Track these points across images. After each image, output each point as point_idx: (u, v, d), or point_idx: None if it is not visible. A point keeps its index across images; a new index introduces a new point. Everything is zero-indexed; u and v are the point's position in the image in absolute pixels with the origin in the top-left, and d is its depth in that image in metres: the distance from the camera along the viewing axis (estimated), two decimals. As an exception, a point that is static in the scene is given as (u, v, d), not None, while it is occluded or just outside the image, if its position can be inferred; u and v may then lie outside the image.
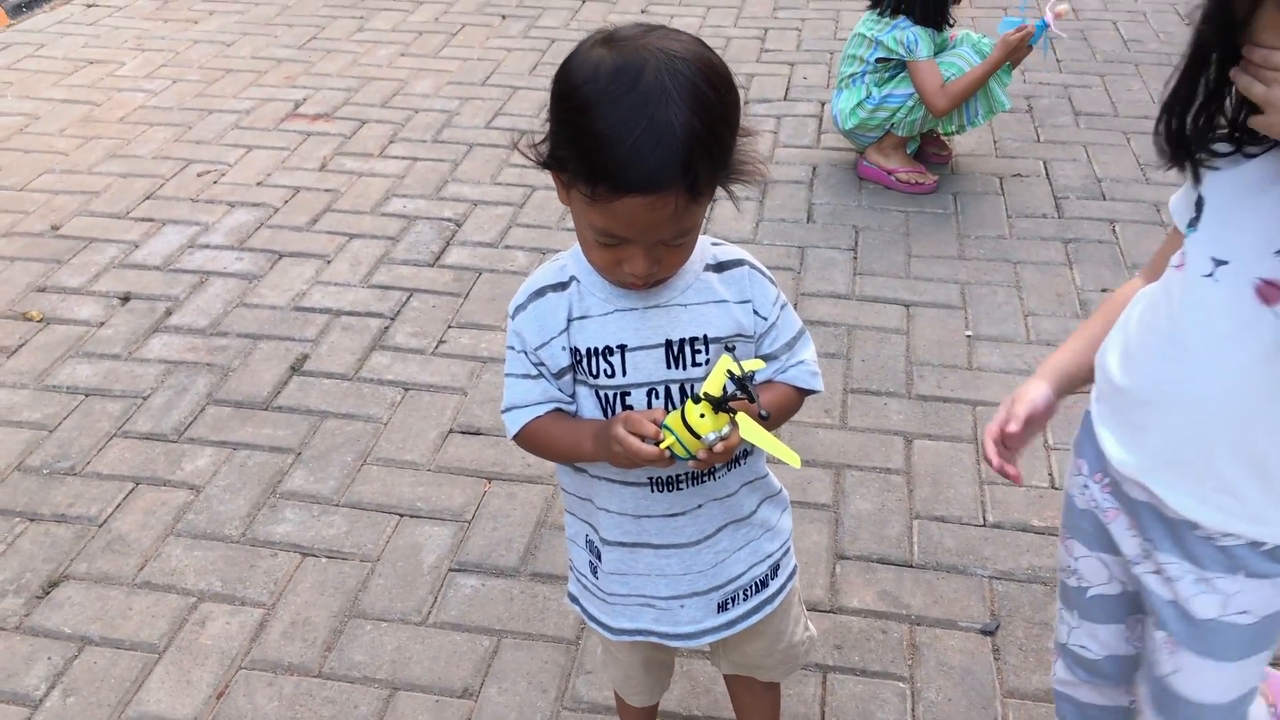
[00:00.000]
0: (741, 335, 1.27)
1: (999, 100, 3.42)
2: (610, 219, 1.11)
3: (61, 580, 2.12)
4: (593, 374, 1.25)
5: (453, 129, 3.92)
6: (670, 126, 1.06)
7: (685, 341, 1.25)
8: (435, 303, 2.96)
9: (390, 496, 2.32)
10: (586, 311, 1.25)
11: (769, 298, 1.30)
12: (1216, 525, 1.20)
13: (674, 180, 1.08)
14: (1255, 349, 1.12)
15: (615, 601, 1.41)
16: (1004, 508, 2.27)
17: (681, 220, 1.13)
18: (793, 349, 1.32)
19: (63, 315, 2.89)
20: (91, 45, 4.67)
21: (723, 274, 1.28)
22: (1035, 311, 2.90)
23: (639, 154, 1.06)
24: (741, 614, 1.42)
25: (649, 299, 1.24)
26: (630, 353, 1.24)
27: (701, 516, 1.33)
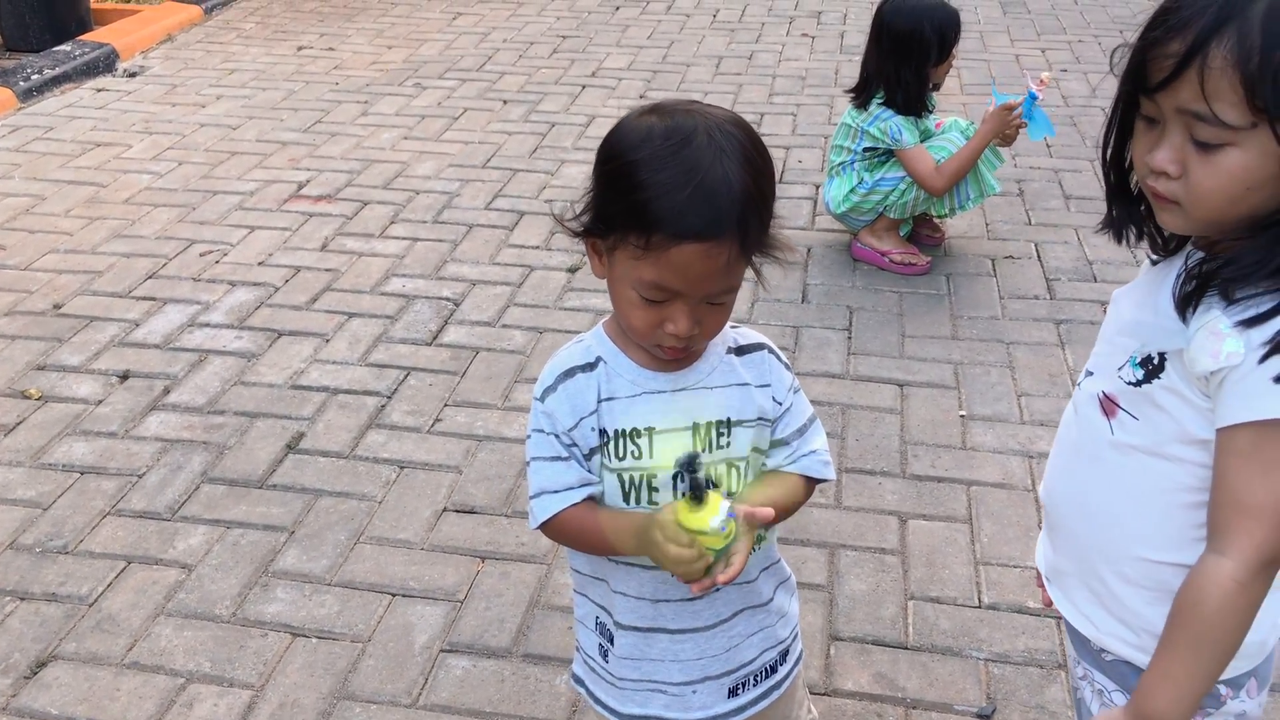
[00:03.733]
0: (763, 419, 1.29)
1: (989, 184, 3.49)
2: (663, 270, 1.13)
3: (50, 660, 2.10)
4: (619, 456, 1.25)
5: (453, 210, 3.98)
6: (727, 179, 1.11)
7: (712, 424, 1.26)
8: (432, 381, 2.97)
9: (383, 575, 2.31)
10: (614, 393, 1.26)
11: (785, 383, 1.32)
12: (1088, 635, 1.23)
13: (730, 230, 1.12)
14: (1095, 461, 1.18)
15: (626, 686, 1.39)
16: (999, 589, 2.26)
17: (730, 275, 1.16)
18: (804, 435, 1.33)
19: (61, 393, 2.91)
20: (100, 128, 4.76)
21: (743, 357, 1.30)
22: (1029, 391, 2.92)
23: (698, 202, 1.10)
24: (751, 699, 1.41)
25: (676, 382, 1.26)
26: (658, 435, 1.25)
27: (719, 600, 1.33)
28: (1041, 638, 2.14)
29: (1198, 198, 1.02)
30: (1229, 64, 0.95)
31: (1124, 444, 1.14)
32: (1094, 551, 1.19)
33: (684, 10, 6.54)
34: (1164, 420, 1.10)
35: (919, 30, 3.26)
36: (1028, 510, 2.48)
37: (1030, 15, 6.37)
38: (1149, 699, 1.09)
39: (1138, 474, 1.14)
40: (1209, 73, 0.96)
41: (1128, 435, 1.14)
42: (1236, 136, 0.97)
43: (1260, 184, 0.99)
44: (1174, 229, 1.08)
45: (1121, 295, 1.22)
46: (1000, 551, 2.36)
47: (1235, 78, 0.95)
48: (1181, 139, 1.01)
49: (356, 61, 5.63)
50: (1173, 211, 1.05)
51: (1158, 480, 1.12)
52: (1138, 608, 1.16)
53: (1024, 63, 5.53)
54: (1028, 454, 2.67)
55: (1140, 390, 1.11)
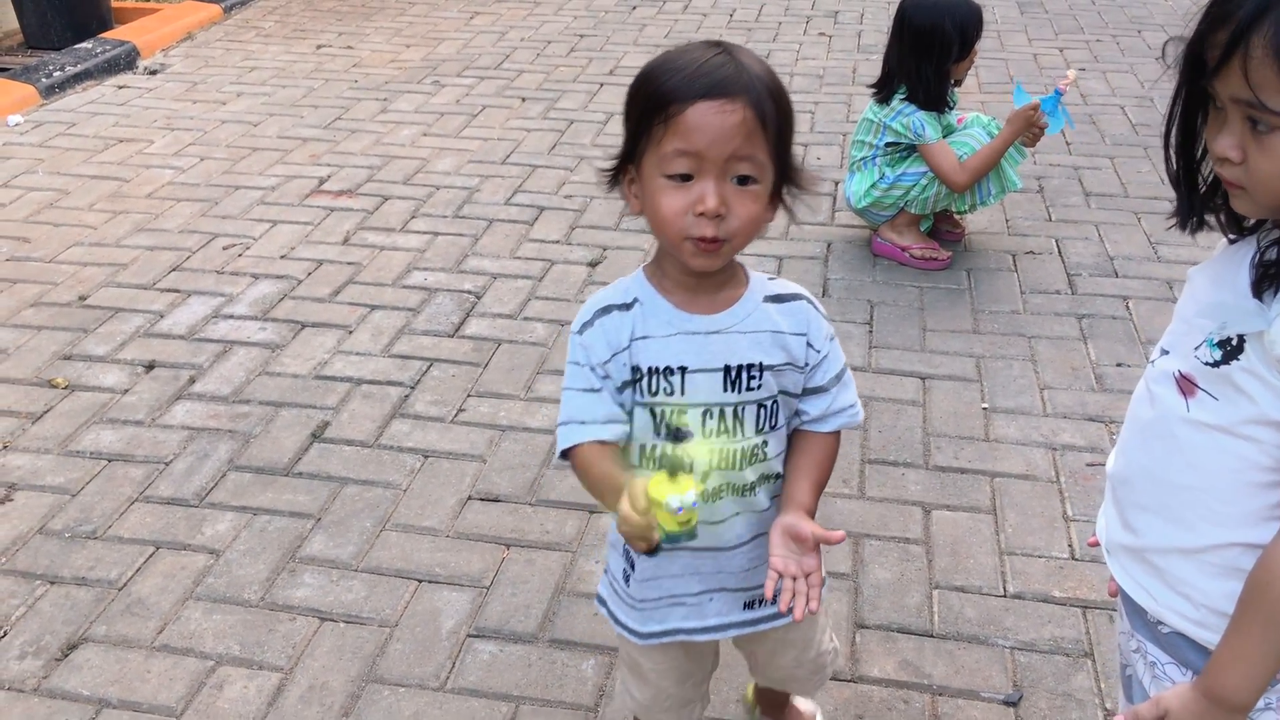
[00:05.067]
0: (793, 365, 1.36)
1: (1011, 180, 3.49)
2: (683, 135, 1.20)
3: (81, 642, 2.11)
4: (651, 392, 1.32)
5: (473, 205, 4.00)
6: (739, 63, 1.22)
7: (743, 367, 1.32)
8: (455, 372, 2.99)
9: (409, 562, 2.32)
10: (649, 332, 1.32)
11: (823, 332, 1.38)
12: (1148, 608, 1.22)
13: (742, 93, 1.20)
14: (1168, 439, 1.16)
15: (645, 607, 1.47)
16: (1024, 579, 2.26)
17: (750, 143, 1.21)
18: (840, 382, 1.40)
19: (88, 382, 2.93)
20: (122, 124, 4.79)
21: (781, 305, 1.36)
22: (1051, 385, 2.92)
23: (708, 69, 1.20)
24: (766, 615, 1.49)
25: (711, 325, 1.32)
26: (690, 374, 1.31)
27: (738, 523, 1.41)
28: (1067, 626, 2.14)
29: (1258, 182, 1.03)
30: (1268, 53, 0.96)
31: (1200, 422, 1.13)
32: (1161, 527, 1.19)
33: (700, 9, 6.55)
34: (1242, 401, 1.10)
35: (940, 26, 3.27)
36: (1051, 501, 2.48)
37: (1048, 15, 6.37)
38: (1220, 678, 1.10)
39: (1212, 452, 1.13)
40: (1251, 62, 0.97)
41: (1205, 414, 1.13)
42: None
43: None
44: (1245, 213, 1.09)
45: (1197, 273, 1.20)
46: (1025, 542, 2.36)
47: (1275, 66, 0.96)
48: (1240, 125, 1.02)
49: (375, 59, 5.66)
50: (1240, 197, 1.07)
51: (1232, 459, 1.12)
52: (1202, 584, 1.16)
53: (1041, 62, 5.53)
54: (1051, 446, 2.67)
55: (1218, 371, 1.11)
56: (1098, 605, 2.19)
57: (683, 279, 1.32)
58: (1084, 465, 2.60)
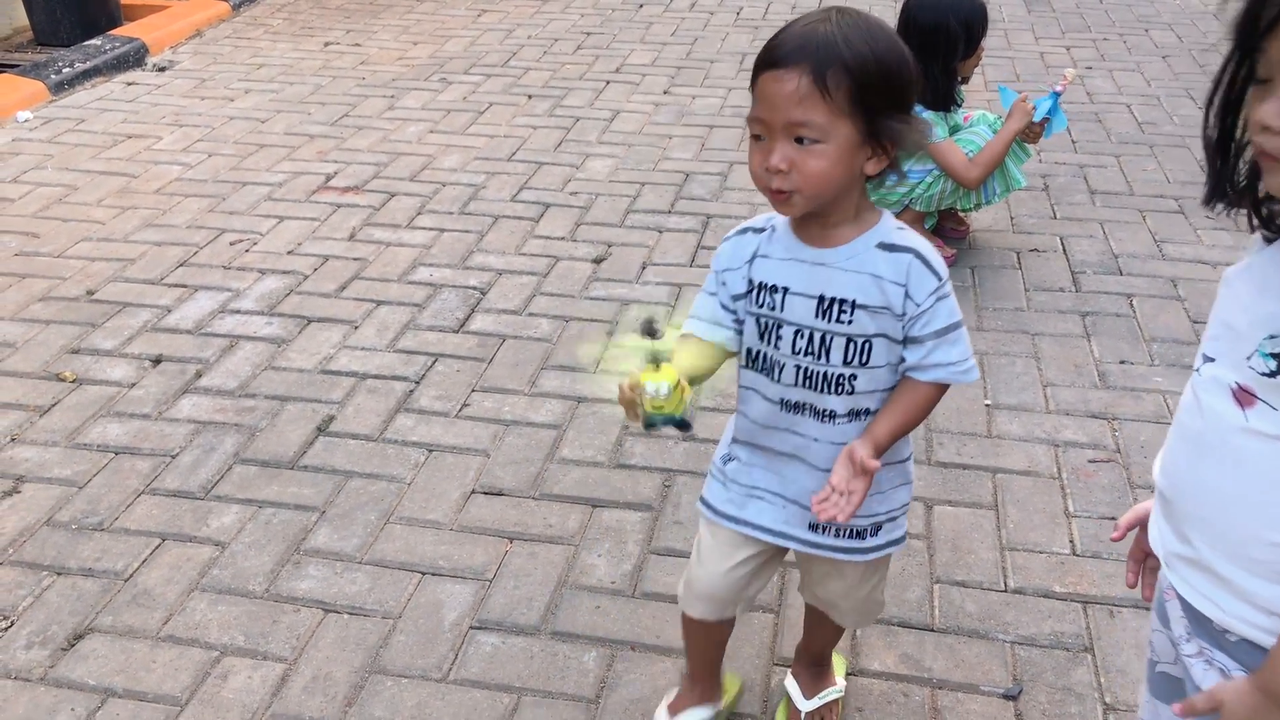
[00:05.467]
0: (889, 310, 1.45)
1: (1016, 178, 3.49)
2: (756, 104, 1.38)
3: (87, 633, 2.13)
4: (758, 304, 1.51)
5: (479, 202, 4.02)
6: (817, 32, 1.34)
7: (836, 300, 1.45)
8: (459, 367, 3.00)
9: (412, 555, 2.33)
10: (770, 253, 1.50)
11: (927, 288, 1.44)
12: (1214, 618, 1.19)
13: (800, 61, 1.32)
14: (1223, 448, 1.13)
15: (733, 490, 1.64)
16: (1025, 574, 2.27)
17: (807, 108, 1.33)
18: (942, 338, 1.46)
19: (95, 376, 2.95)
20: (130, 120, 4.82)
21: (889, 254, 1.45)
22: (1054, 382, 2.92)
23: (784, 42, 1.36)
24: (826, 544, 1.61)
25: (818, 257, 1.47)
26: (790, 295, 1.48)
27: (821, 449, 1.54)
28: (1068, 621, 2.15)
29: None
30: None
31: (1259, 432, 1.10)
32: (1223, 537, 1.16)
33: (707, 8, 6.56)
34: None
35: (946, 24, 3.27)
36: (1053, 497, 2.49)
37: (1055, 13, 6.36)
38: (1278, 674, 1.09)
39: (1273, 461, 1.09)
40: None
41: (1265, 424, 1.09)
42: None
43: None
44: (1275, 191, 1.04)
45: (1235, 277, 1.15)
46: (1026, 537, 2.37)
47: None
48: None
49: (382, 57, 5.68)
50: (1273, 171, 1.01)
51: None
52: (1268, 591, 1.13)
53: (1048, 60, 5.53)
54: (1053, 442, 2.67)
55: (1275, 381, 1.07)
56: (1098, 600, 2.20)
57: (806, 216, 1.47)
58: (1086, 462, 2.61)
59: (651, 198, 4.04)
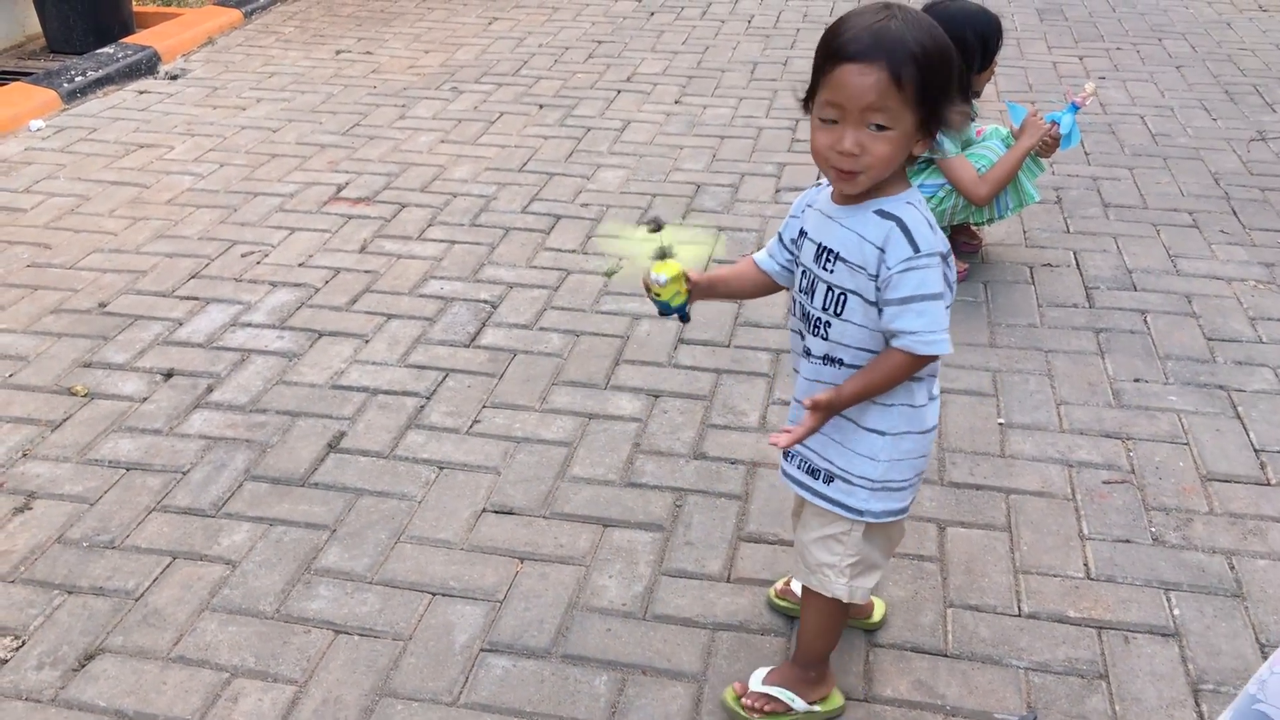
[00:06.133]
0: (865, 270, 1.60)
1: (1028, 193, 3.48)
2: (830, 89, 1.52)
3: (98, 653, 2.13)
4: (796, 246, 1.76)
5: (490, 213, 4.01)
6: (888, 28, 1.50)
7: (826, 249, 1.66)
8: (470, 383, 3.00)
9: (423, 575, 2.33)
10: (817, 206, 1.71)
11: (900, 255, 1.57)
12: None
13: (879, 57, 1.48)
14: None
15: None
16: (1039, 598, 2.26)
17: (883, 97, 1.48)
18: (905, 306, 1.58)
19: (107, 390, 2.95)
20: (142, 130, 4.83)
21: (879, 219, 1.60)
22: (1067, 400, 2.90)
23: (858, 37, 1.50)
24: (790, 473, 1.84)
25: (833, 211, 1.66)
26: (807, 240, 1.71)
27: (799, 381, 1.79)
28: (1082, 647, 2.13)
29: None
30: None
31: None
32: None
33: (718, 16, 6.55)
34: None
35: (962, 37, 3.23)
36: (1067, 519, 2.47)
37: (1068, 22, 6.34)
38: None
39: None
40: None
41: None
42: None
43: None
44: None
45: None
46: (1040, 560, 2.35)
47: None
48: None
49: (394, 65, 5.68)
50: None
51: None
52: None
53: (1061, 70, 5.51)
54: (1067, 462, 2.66)
55: None
56: (1112, 626, 2.18)
57: None
58: (1100, 483, 2.59)
59: (663, 210, 4.03)
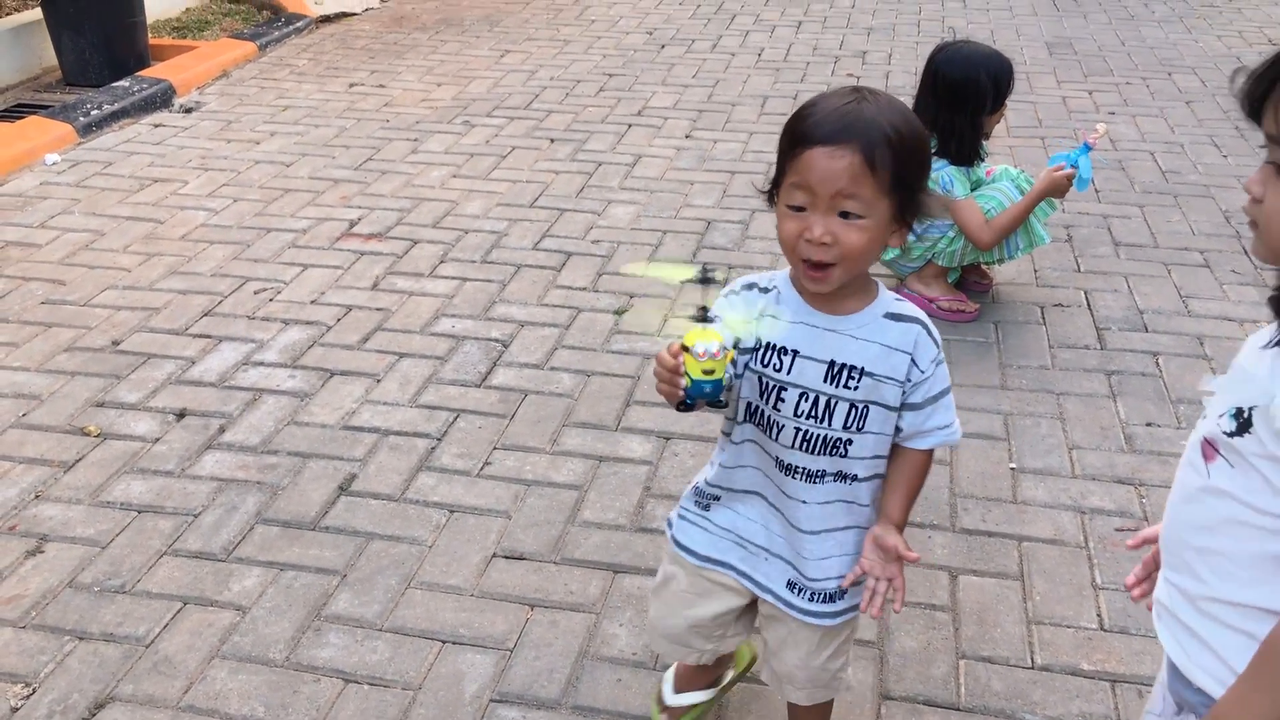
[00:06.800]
0: (894, 379, 1.52)
1: (1039, 235, 3.48)
2: (799, 172, 1.42)
3: (108, 701, 2.13)
4: (763, 363, 1.54)
5: (501, 249, 4.03)
6: (861, 112, 1.41)
7: (847, 367, 1.51)
8: (481, 424, 3.00)
9: (433, 622, 2.32)
10: (778, 315, 1.54)
11: (929, 356, 1.53)
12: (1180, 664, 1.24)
13: (853, 140, 1.39)
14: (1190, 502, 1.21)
15: (714, 532, 1.70)
16: (1053, 649, 2.24)
17: (856, 183, 1.39)
18: (937, 403, 1.55)
19: (119, 430, 2.96)
20: (157, 164, 4.87)
21: (897, 324, 1.53)
22: (1080, 444, 2.89)
23: (829, 119, 1.41)
24: (799, 605, 1.67)
25: (830, 324, 1.52)
26: (799, 358, 1.52)
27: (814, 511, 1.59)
28: (1096, 701, 2.12)
29: (1265, 220, 1.07)
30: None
31: (1216, 488, 1.17)
32: (1191, 585, 1.22)
33: (729, 50, 6.59)
34: (1253, 474, 1.13)
35: (975, 79, 3.26)
36: (1080, 568, 2.46)
37: (1077, 57, 6.36)
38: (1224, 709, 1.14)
39: (1224, 519, 1.17)
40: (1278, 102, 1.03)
41: (1221, 480, 1.17)
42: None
43: None
44: (1255, 255, 1.13)
45: (1252, 338, 1.23)
46: (1053, 610, 2.34)
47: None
48: (1269, 166, 1.06)
49: (406, 98, 5.72)
50: (1255, 235, 1.11)
51: (1242, 527, 1.15)
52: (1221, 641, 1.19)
53: (1070, 105, 5.52)
54: (1080, 509, 2.65)
55: (1232, 441, 1.15)
56: (1126, 679, 2.17)
57: None
58: (1113, 530, 2.58)
59: (673, 247, 4.04)
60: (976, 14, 7.40)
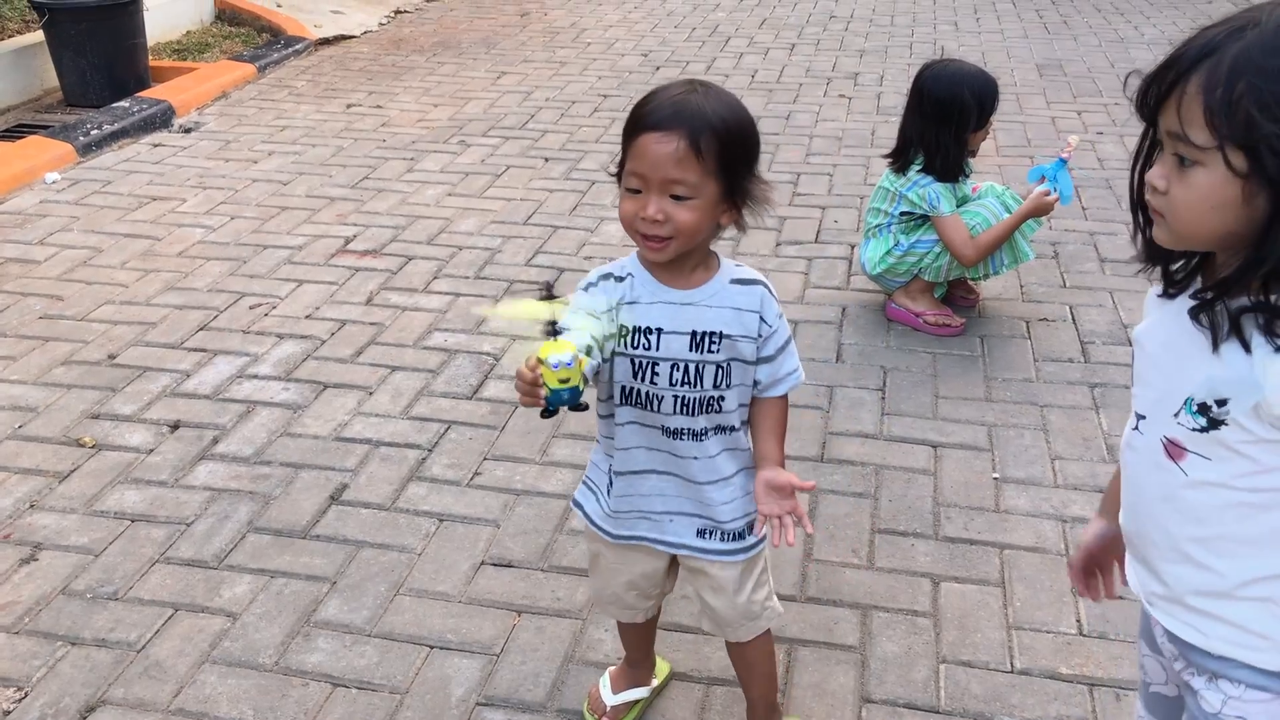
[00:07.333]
0: (747, 336, 1.67)
1: (1024, 252, 3.53)
2: (634, 159, 1.55)
3: (99, 705, 2.16)
4: (633, 346, 1.66)
5: (494, 266, 4.08)
6: (689, 101, 1.54)
7: (706, 334, 1.65)
8: (472, 435, 3.04)
9: (421, 627, 2.35)
10: (637, 299, 1.66)
11: (774, 311, 1.70)
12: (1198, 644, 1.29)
13: (679, 127, 1.51)
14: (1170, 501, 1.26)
15: (619, 515, 1.82)
16: (1032, 654, 2.27)
17: (684, 168, 1.52)
18: (785, 351, 1.72)
19: (114, 441, 3.00)
20: (155, 183, 4.92)
21: (743, 288, 1.68)
22: (1062, 455, 2.93)
23: (660, 108, 1.54)
24: (715, 548, 1.80)
25: (685, 298, 1.65)
26: (664, 335, 1.65)
27: (696, 464, 1.74)
28: (1074, 704, 2.15)
29: (1173, 210, 1.15)
30: (1198, 91, 1.09)
31: (1198, 481, 1.22)
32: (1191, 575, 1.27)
33: (723, 71, 6.66)
34: (1238, 460, 1.18)
35: (959, 97, 3.32)
36: (1060, 575, 2.49)
37: (1066, 78, 6.43)
38: None
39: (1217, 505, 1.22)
40: (1185, 98, 1.10)
41: (1201, 473, 1.22)
42: (1204, 156, 1.10)
43: (1223, 204, 1.10)
44: (1161, 242, 1.20)
45: (1143, 336, 1.30)
46: (1033, 616, 2.37)
47: (1201, 103, 1.08)
48: (1171, 158, 1.14)
49: (403, 119, 5.79)
50: (1160, 224, 1.18)
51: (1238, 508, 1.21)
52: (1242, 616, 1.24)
53: (1060, 125, 5.58)
54: (1061, 518, 2.68)
55: (1207, 435, 1.19)
56: (1104, 683, 2.20)
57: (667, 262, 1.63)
58: (1094, 538, 2.61)
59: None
60: (968, 36, 7.49)
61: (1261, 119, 1.05)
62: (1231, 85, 1.06)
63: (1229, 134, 1.07)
